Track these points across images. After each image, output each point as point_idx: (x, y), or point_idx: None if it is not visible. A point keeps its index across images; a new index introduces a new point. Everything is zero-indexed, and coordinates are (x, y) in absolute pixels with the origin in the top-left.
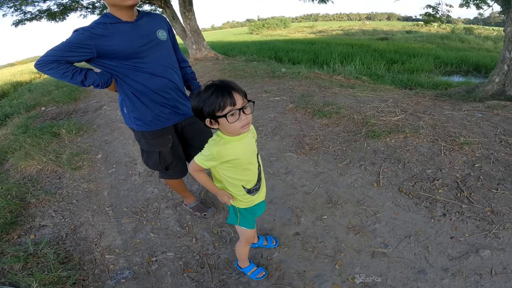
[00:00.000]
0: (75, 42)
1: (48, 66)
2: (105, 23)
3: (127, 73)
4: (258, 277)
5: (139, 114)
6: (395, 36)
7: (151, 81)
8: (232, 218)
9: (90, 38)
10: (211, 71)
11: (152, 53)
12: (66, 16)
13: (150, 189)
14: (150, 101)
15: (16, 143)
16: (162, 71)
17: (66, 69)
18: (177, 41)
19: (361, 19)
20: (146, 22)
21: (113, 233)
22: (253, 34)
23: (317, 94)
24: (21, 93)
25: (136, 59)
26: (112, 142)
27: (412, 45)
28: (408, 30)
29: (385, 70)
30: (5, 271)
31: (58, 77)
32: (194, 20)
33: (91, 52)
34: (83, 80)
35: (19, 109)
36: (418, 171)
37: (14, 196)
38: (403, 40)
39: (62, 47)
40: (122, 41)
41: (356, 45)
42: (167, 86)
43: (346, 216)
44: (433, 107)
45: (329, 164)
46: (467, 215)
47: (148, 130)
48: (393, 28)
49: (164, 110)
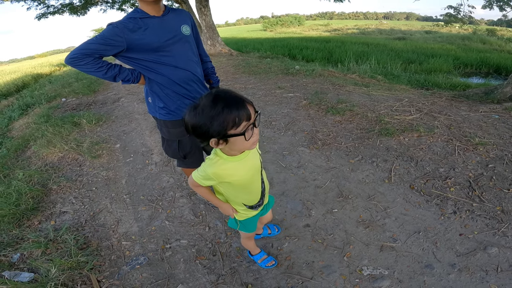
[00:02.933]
0: (110, 36)
1: (82, 60)
2: (135, 18)
3: (151, 66)
4: (267, 266)
5: (162, 104)
6: (413, 36)
7: (174, 73)
8: (232, 223)
9: (123, 31)
10: (225, 67)
11: (176, 47)
12: (87, 10)
13: (165, 178)
14: (173, 92)
15: (38, 132)
16: (185, 64)
17: (101, 63)
18: (200, 36)
19: (378, 18)
20: (172, 17)
21: (130, 220)
22: (267, 31)
23: (330, 92)
24: (42, 84)
25: (161, 52)
26: (130, 133)
27: (431, 45)
28: (427, 30)
29: (402, 70)
30: (25, 256)
31: (92, 72)
32: (209, 16)
33: (123, 45)
34: (116, 75)
35: (41, 100)
36: (430, 170)
37: (36, 182)
38: (422, 40)
39: (97, 40)
40: (150, 35)
41: (372, 44)
42: (189, 78)
43: (356, 210)
44: (449, 108)
45: (341, 160)
46: (477, 213)
47: (170, 120)
48: (412, 28)
49: (185, 101)
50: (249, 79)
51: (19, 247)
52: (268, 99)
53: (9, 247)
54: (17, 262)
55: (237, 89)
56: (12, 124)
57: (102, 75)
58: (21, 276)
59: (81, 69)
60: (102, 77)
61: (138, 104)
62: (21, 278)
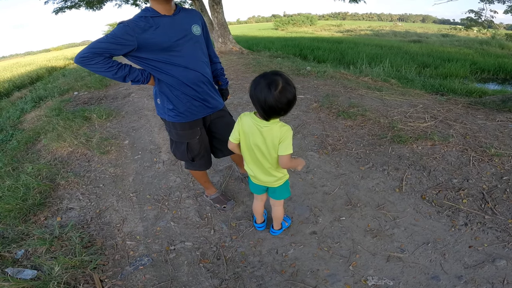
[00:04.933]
0: (121, 34)
1: (92, 60)
2: (146, 17)
3: (161, 66)
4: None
5: (171, 105)
6: (429, 39)
7: (184, 74)
8: (286, 193)
9: (134, 30)
10: (235, 65)
11: (187, 47)
12: (103, 4)
13: (173, 177)
14: (182, 93)
15: (49, 125)
16: (195, 65)
17: (111, 63)
18: (210, 37)
19: (392, 20)
20: (183, 16)
21: (136, 219)
22: (278, 30)
23: (342, 95)
24: (56, 77)
25: (171, 52)
26: (139, 129)
27: (448, 49)
28: (444, 34)
29: (416, 73)
30: (29, 253)
31: (102, 72)
32: (221, 13)
33: (133, 44)
34: (126, 75)
35: (53, 93)
36: (443, 180)
37: (44, 176)
38: (438, 44)
39: (107, 39)
40: (161, 34)
41: (385, 46)
42: (199, 79)
43: (365, 219)
44: (465, 115)
45: (351, 166)
46: (489, 225)
47: (179, 122)
48: (428, 30)
49: (194, 103)
50: None
51: (24, 243)
52: None
53: (14, 243)
54: (21, 259)
55: (246, 88)
56: (24, 116)
57: (112, 75)
58: (24, 274)
59: (91, 68)
60: (112, 77)
61: (148, 100)
62: (24, 276)
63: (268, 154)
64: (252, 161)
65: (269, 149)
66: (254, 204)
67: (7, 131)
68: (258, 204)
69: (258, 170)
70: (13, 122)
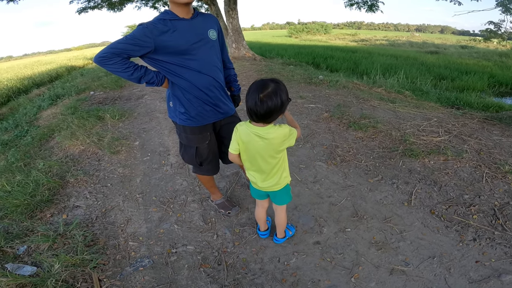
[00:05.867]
0: (139, 36)
1: (111, 60)
2: (165, 20)
3: (175, 69)
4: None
5: (183, 109)
6: (447, 50)
7: (197, 78)
8: (287, 198)
9: (152, 32)
10: (248, 71)
11: (202, 51)
12: (123, 6)
13: (179, 181)
14: (194, 97)
15: (64, 123)
16: (209, 69)
17: (128, 64)
18: (225, 42)
19: (410, 30)
20: (200, 21)
21: (140, 220)
22: (292, 37)
23: (354, 105)
24: (74, 76)
25: (186, 55)
26: (150, 131)
27: (466, 61)
28: (463, 45)
29: (432, 86)
30: (31, 249)
31: (119, 72)
32: (236, 19)
33: (151, 46)
34: (142, 76)
35: (71, 91)
36: (454, 195)
37: (54, 173)
38: (456, 55)
39: (126, 40)
40: (178, 37)
41: (401, 57)
42: (211, 84)
43: (370, 231)
44: (481, 131)
45: (360, 178)
46: (498, 241)
47: (189, 125)
48: (446, 41)
49: (206, 107)
50: None
51: (27, 239)
52: (289, 108)
53: (17, 239)
54: (22, 255)
55: None
56: (40, 113)
57: (128, 76)
58: (23, 270)
59: (109, 68)
60: (127, 78)
61: (160, 103)
62: (23, 272)
63: (270, 157)
64: (253, 168)
65: (270, 152)
66: (256, 211)
67: (23, 127)
68: (260, 210)
69: (258, 176)
70: (29, 119)
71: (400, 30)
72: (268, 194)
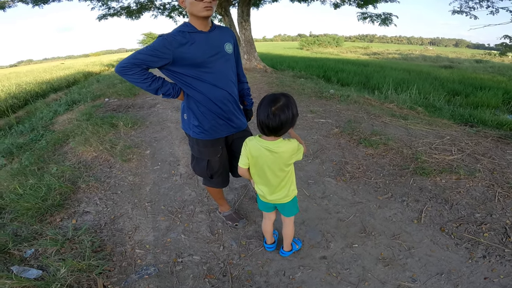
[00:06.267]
0: (159, 47)
1: (131, 70)
2: (184, 32)
3: (191, 82)
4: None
5: (197, 122)
6: (461, 64)
7: (212, 91)
8: (294, 209)
9: (171, 44)
10: (259, 83)
11: (218, 65)
12: (141, 14)
13: (188, 191)
14: (208, 110)
15: (78, 129)
16: (224, 83)
17: (147, 75)
18: (240, 56)
19: (423, 43)
20: (217, 34)
21: (148, 228)
22: (304, 49)
23: (365, 121)
24: (91, 82)
25: (203, 68)
26: (161, 140)
27: (480, 75)
28: (477, 59)
29: (445, 102)
30: (38, 253)
31: (138, 83)
32: (249, 30)
33: (169, 57)
34: (159, 88)
35: (86, 97)
36: (465, 214)
37: (66, 178)
38: (471, 70)
39: (146, 51)
40: (196, 50)
41: (414, 71)
42: (226, 98)
43: (378, 248)
44: (495, 150)
45: (369, 195)
46: (508, 258)
47: (202, 139)
48: (460, 55)
49: (219, 121)
50: None
51: (36, 243)
52: (299, 123)
53: (26, 242)
54: (28, 258)
55: None
56: (56, 118)
57: (146, 86)
58: (29, 273)
59: (128, 78)
60: (145, 89)
61: (172, 112)
62: (28, 275)
63: (279, 170)
64: (262, 181)
65: (279, 165)
66: (264, 223)
67: (38, 131)
68: (267, 223)
69: (267, 190)
70: (45, 123)
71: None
72: (275, 206)
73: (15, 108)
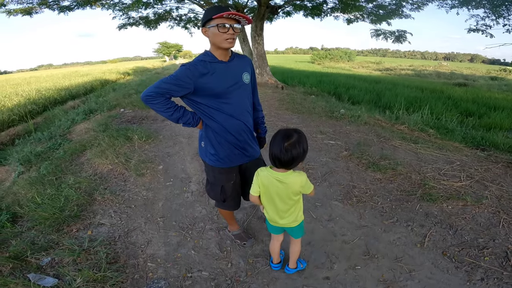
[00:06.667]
0: (182, 77)
1: (155, 100)
2: (205, 61)
3: (210, 112)
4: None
5: (214, 151)
6: (476, 82)
7: (229, 122)
8: (301, 233)
9: (193, 74)
10: (270, 100)
11: (235, 95)
12: (158, 25)
13: (199, 208)
14: (225, 141)
15: (95, 140)
16: (240, 114)
17: (170, 104)
18: (256, 84)
19: (438, 58)
20: (236, 63)
21: (159, 243)
22: (315, 63)
23: (374, 144)
24: (107, 91)
25: (222, 99)
26: (173, 156)
27: (495, 95)
28: (492, 76)
29: (458, 123)
30: (54, 262)
31: (161, 112)
32: (262, 45)
33: (191, 87)
34: (180, 117)
35: (103, 107)
36: (469, 239)
37: (83, 190)
38: (485, 88)
39: (170, 80)
40: (216, 80)
41: (427, 89)
42: (241, 128)
43: (380, 270)
44: (504, 176)
45: (375, 219)
46: (505, 281)
47: (217, 166)
48: (476, 72)
49: (235, 151)
50: (292, 117)
51: (52, 252)
52: (308, 144)
53: (43, 251)
54: (45, 266)
55: (278, 127)
56: (74, 126)
57: (168, 115)
58: (45, 281)
59: (153, 107)
60: (168, 118)
61: (183, 127)
62: (45, 283)
63: (288, 199)
64: (271, 208)
65: (288, 194)
66: (272, 244)
67: (56, 139)
68: (275, 244)
69: (276, 216)
70: (62, 132)
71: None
72: (284, 229)
73: (34, 114)
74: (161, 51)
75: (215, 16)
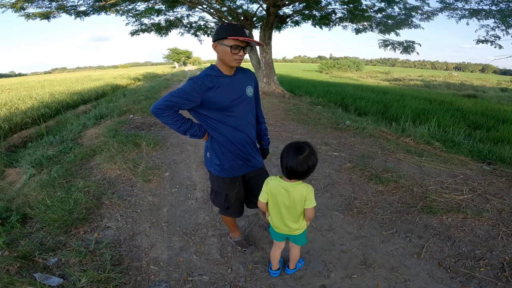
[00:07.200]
0: (189, 91)
1: (165, 112)
2: (211, 76)
3: (215, 124)
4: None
5: (218, 161)
6: (486, 93)
7: (233, 134)
8: (304, 240)
9: (200, 88)
10: (276, 109)
11: (239, 109)
12: (169, 31)
13: (202, 215)
14: (229, 152)
15: (105, 145)
16: (244, 126)
17: (178, 117)
18: (259, 97)
19: (448, 69)
20: (240, 77)
21: (163, 247)
22: (323, 73)
23: (378, 157)
24: (117, 96)
25: (226, 111)
26: (179, 163)
27: (504, 107)
28: (503, 87)
29: (465, 136)
30: (61, 262)
31: (170, 124)
32: (270, 54)
33: (197, 101)
34: (187, 129)
35: (113, 112)
36: (466, 250)
37: (92, 194)
38: (495, 99)
39: (178, 94)
40: (221, 94)
41: (436, 101)
42: (245, 140)
43: (376, 279)
44: (507, 190)
45: (374, 230)
46: None
47: (222, 176)
48: (486, 83)
49: (238, 161)
50: (297, 128)
51: (59, 252)
52: None
53: (50, 251)
54: (51, 266)
55: (283, 137)
56: (85, 131)
57: (176, 127)
58: (51, 280)
59: (162, 119)
60: (175, 130)
61: None
62: (50, 282)
63: (294, 209)
64: (277, 216)
65: (295, 204)
66: (273, 251)
67: (67, 143)
68: (277, 251)
69: (282, 224)
70: (74, 136)
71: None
72: (287, 237)
73: (46, 117)
74: (171, 57)
75: (230, 37)
